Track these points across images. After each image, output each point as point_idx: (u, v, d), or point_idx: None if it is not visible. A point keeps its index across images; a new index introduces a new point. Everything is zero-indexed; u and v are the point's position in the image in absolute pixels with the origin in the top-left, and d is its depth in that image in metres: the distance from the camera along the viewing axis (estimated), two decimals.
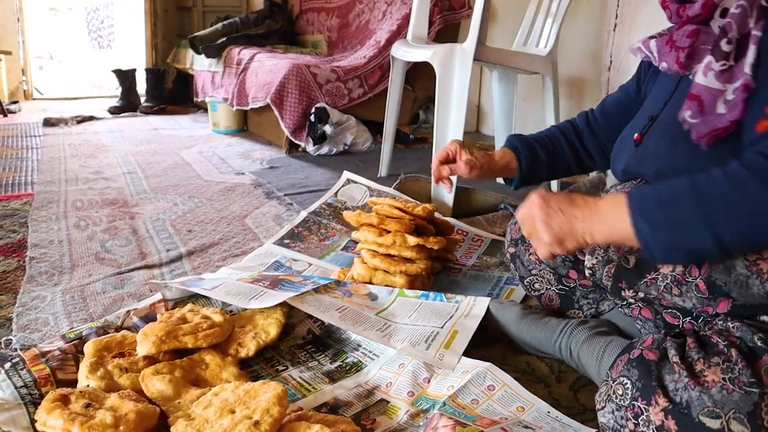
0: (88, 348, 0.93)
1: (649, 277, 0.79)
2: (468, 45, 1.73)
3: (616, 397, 0.70)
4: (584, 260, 0.91)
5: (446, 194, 1.79)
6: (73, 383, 0.89)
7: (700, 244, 0.64)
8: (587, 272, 0.91)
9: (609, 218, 0.69)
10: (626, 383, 0.69)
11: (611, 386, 0.71)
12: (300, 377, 0.96)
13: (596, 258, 0.88)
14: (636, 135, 0.88)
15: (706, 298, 0.73)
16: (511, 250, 1.14)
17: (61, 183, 2.20)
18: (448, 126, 1.80)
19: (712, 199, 0.63)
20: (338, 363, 1.00)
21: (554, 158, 1.12)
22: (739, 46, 0.73)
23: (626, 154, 0.91)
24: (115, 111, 4.06)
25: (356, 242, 1.42)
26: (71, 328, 1.09)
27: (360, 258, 1.28)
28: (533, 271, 1.10)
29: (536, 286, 1.11)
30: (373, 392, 0.92)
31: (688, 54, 0.78)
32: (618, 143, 0.97)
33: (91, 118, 3.81)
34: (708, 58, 0.74)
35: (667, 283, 0.77)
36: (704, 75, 0.74)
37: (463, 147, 1.13)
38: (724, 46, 0.72)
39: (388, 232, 1.24)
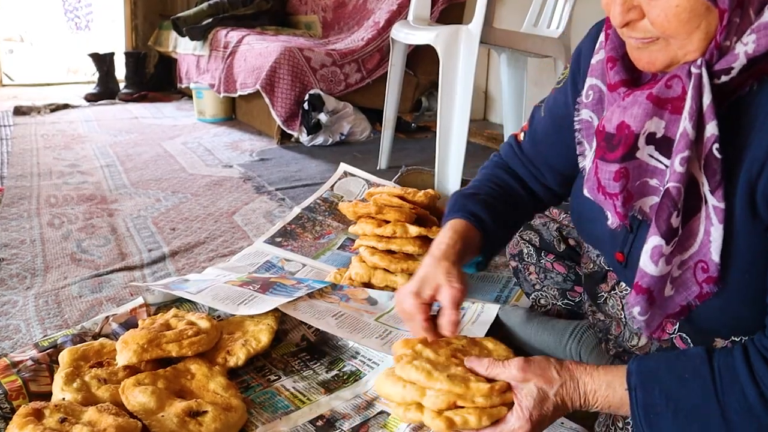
0: (64, 357, 0.93)
1: None
2: (474, 26, 1.73)
3: (616, 430, 0.72)
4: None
5: (452, 188, 1.79)
6: (47, 396, 0.88)
7: None
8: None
9: (610, 411, 0.69)
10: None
11: (611, 416, 0.74)
12: (294, 388, 0.96)
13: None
14: (617, 254, 0.77)
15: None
16: (513, 264, 1.15)
17: (33, 177, 2.19)
18: (453, 114, 1.79)
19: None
20: (335, 372, 1.00)
21: (514, 210, 0.92)
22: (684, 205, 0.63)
23: (607, 258, 0.83)
24: (91, 98, 4.05)
25: (353, 240, 1.42)
26: (45, 336, 1.08)
27: (358, 256, 1.28)
28: (537, 287, 1.11)
29: (542, 302, 1.12)
30: (372, 403, 0.92)
31: (623, 201, 0.67)
32: (583, 229, 0.85)
33: (65, 106, 3.79)
34: (655, 240, 0.63)
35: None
36: (652, 261, 0.64)
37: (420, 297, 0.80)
38: (674, 221, 0.62)
39: (388, 223, 1.24)
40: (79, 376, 0.89)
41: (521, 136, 0.93)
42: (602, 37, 0.71)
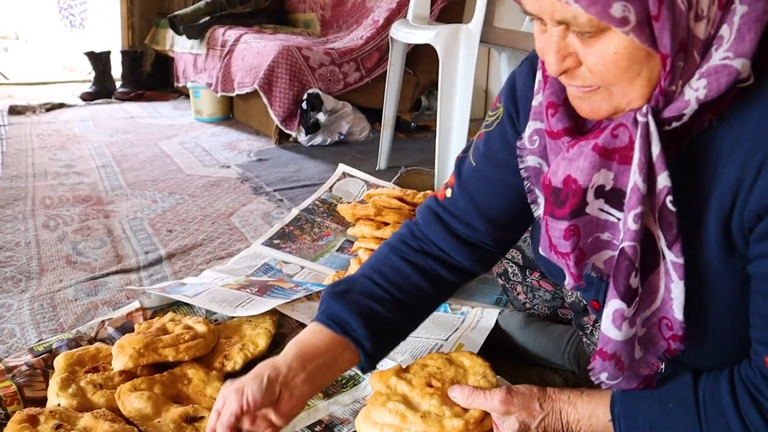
0: (59, 362, 0.93)
1: None
2: (474, 26, 1.73)
3: None
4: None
5: None
6: (42, 402, 0.89)
7: None
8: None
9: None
10: None
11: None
12: None
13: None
14: (593, 302, 0.72)
15: None
16: (500, 281, 1.15)
17: (28, 178, 2.19)
18: (453, 113, 1.79)
19: None
20: None
21: (407, 306, 0.79)
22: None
23: (585, 300, 0.79)
24: (87, 97, 4.05)
25: (352, 242, 1.42)
26: (40, 341, 1.08)
27: (357, 259, 1.28)
28: (527, 305, 1.11)
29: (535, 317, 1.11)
30: None
31: (576, 261, 0.63)
32: (550, 270, 0.77)
33: (61, 106, 3.79)
34: (615, 304, 0.60)
35: None
36: (615, 326, 0.60)
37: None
38: (633, 281, 0.59)
39: (388, 225, 1.24)
40: (74, 382, 0.90)
41: (446, 193, 0.82)
42: (539, 76, 0.67)
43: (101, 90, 4.14)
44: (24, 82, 4.96)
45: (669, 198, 0.56)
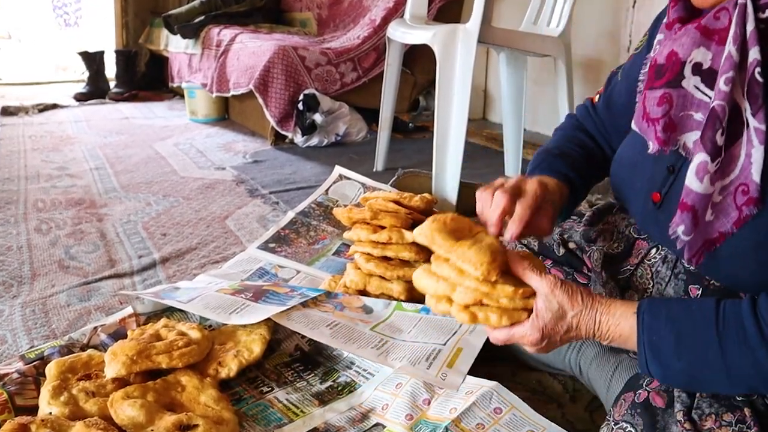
0: (51, 370, 0.93)
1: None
2: (471, 26, 1.73)
3: None
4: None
5: (449, 191, 1.79)
6: (33, 410, 0.88)
7: (718, 388, 0.68)
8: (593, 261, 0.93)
9: (618, 343, 0.73)
10: (630, 431, 0.71)
11: (612, 429, 0.73)
12: (287, 399, 0.96)
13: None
14: (654, 194, 0.79)
15: None
16: None
17: (21, 180, 2.19)
18: (451, 113, 1.79)
19: (740, 365, 0.64)
20: (329, 383, 1.00)
21: (591, 168, 0.97)
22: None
23: (639, 206, 0.83)
24: (81, 98, 4.04)
25: (348, 246, 1.42)
26: (31, 347, 1.08)
27: (353, 263, 1.27)
28: None
29: None
30: (367, 416, 0.92)
31: (664, 126, 0.71)
32: (621, 174, 0.87)
33: (54, 106, 3.79)
34: (701, 157, 0.66)
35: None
36: (698, 178, 0.67)
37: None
38: (719, 138, 0.65)
39: (384, 229, 1.24)
40: (66, 389, 0.89)
41: (596, 99, 1.00)
42: None
43: (95, 90, 4.14)
44: (17, 82, 4.95)
45: (758, 70, 0.63)
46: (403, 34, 2.01)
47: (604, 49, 2.49)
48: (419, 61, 2.94)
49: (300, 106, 2.67)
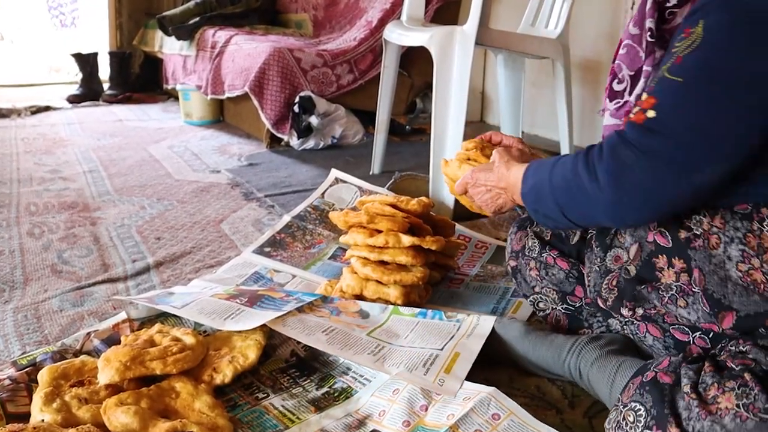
0: (43, 376, 0.92)
1: (650, 286, 0.85)
2: (469, 27, 1.73)
3: (627, 425, 0.73)
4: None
5: (447, 194, 1.79)
6: (25, 417, 0.88)
7: (556, 219, 0.88)
8: (587, 289, 0.97)
9: (516, 191, 0.96)
10: (638, 409, 0.73)
11: (621, 412, 0.75)
12: (282, 406, 0.95)
13: (593, 266, 0.95)
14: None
15: (709, 313, 0.79)
16: (512, 263, 1.16)
17: (13, 184, 2.18)
18: (448, 116, 1.79)
19: (559, 191, 0.85)
20: (325, 389, 1.00)
21: None
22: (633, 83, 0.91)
23: None
24: (74, 100, 4.04)
25: (345, 250, 1.41)
26: (23, 353, 1.08)
27: (349, 267, 1.27)
28: (536, 288, 1.12)
29: (541, 305, 1.13)
30: (364, 422, 0.92)
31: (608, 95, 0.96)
32: None
33: (47, 108, 3.78)
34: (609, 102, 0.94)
35: (672, 294, 0.83)
36: (608, 115, 0.95)
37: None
38: (616, 86, 0.92)
39: (380, 232, 1.24)
40: (59, 396, 0.89)
41: None
42: None
43: (88, 92, 4.13)
44: (9, 84, 4.94)
45: (648, 35, 0.90)
46: (399, 35, 2.01)
47: (603, 50, 2.50)
48: (416, 63, 2.94)
49: (296, 108, 2.67)
